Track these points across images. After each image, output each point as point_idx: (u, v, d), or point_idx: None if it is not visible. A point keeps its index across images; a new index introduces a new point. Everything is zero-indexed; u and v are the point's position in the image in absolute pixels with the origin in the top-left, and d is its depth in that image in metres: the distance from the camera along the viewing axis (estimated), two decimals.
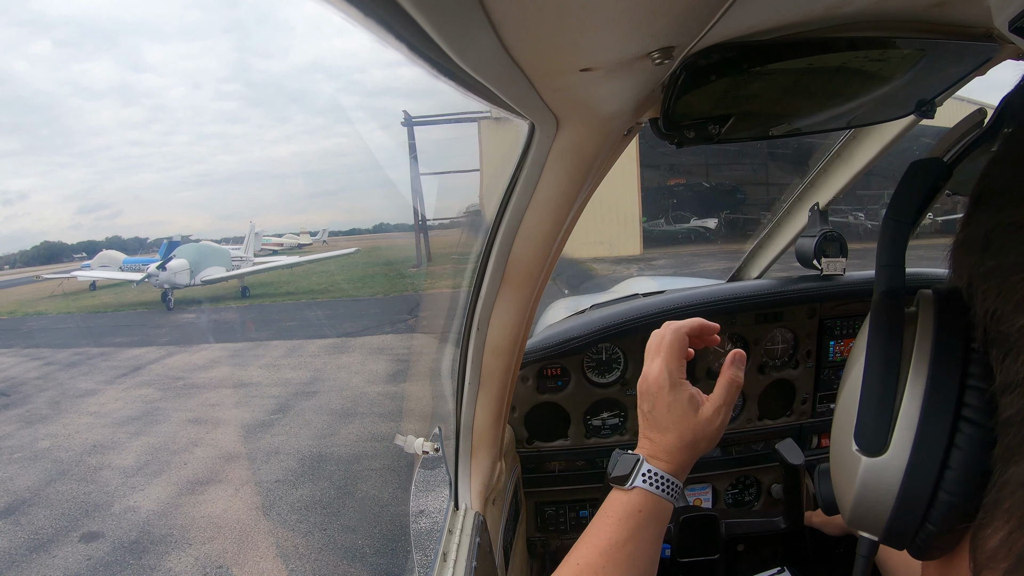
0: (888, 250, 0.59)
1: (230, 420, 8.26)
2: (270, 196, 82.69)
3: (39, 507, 6.12)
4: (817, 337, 1.83)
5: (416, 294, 19.04)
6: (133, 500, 6.07)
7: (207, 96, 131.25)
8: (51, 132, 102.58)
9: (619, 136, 0.77)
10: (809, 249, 1.78)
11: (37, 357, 13.95)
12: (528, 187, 0.86)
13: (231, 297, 22.09)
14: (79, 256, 45.47)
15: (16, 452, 7.71)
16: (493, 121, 0.88)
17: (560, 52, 0.50)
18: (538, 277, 1.05)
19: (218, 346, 13.64)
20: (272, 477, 6.28)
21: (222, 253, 24.63)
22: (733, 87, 0.67)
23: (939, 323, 0.51)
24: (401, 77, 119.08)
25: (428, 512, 4.88)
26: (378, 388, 9.24)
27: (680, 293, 1.78)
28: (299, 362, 11.46)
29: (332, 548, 4.96)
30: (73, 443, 7.86)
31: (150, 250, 31.56)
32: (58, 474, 6.90)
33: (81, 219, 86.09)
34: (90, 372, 12.07)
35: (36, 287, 28.82)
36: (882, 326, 0.55)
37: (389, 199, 38.46)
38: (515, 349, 1.18)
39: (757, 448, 1.83)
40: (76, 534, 5.54)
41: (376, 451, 6.70)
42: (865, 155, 1.69)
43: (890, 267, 0.59)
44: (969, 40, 0.68)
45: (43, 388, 10.96)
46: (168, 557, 5.00)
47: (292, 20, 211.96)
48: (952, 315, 0.51)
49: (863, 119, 1.09)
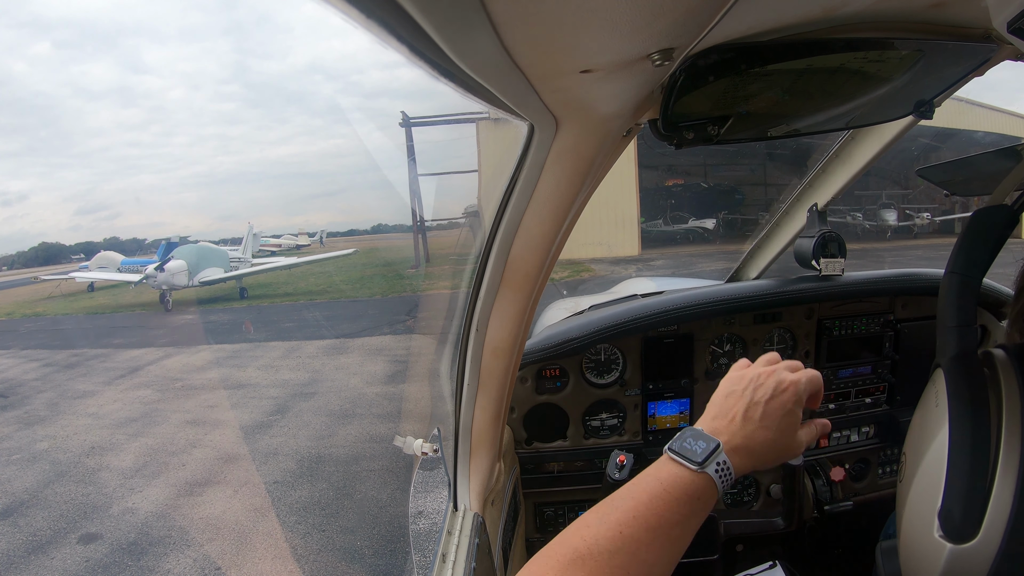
0: (955, 309, 0.55)
1: (228, 421, 8.25)
2: (268, 197, 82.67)
3: (37, 508, 6.10)
4: (816, 337, 1.83)
5: (415, 295, 19.02)
6: (131, 501, 6.06)
7: (206, 97, 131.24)
8: (50, 133, 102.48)
9: (618, 137, 0.77)
10: (808, 249, 1.78)
11: (35, 358, 13.91)
12: (527, 188, 0.86)
13: (229, 298, 22.05)
14: (77, 257, 45.39)
15: (14, 454, 7.68)
16: (492, 122, 0.88)
17: (560, 53, 0.50)
18: (537, 278, 1.05)
19: (216, 347, 13.61)
20: (271, 478, 6.27)
21: (220, 254, 24.59)
22: (732, 88, 0.67)
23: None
24: (400, 78, 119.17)
25: (427, 513, 4.88)
26: (377, 389, 9.23)
27: (679, 294, 1.78)
28: (297, 363, 11.44)
29: (331, 549, 4.95)
30: (71, 444, 7.84)
31: (148, 251, 31.57)
32: (56, 475, 6.88)
33: (80, 220, 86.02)
34: (88, 373, 12.04)
35: (34, 288, 28.74)
36: (963, 397, 0.50)
37: (387, 200, 38.47)
38: (514, 350, 1.18)
39: None
40: (74, 536, 5.52)
41: (375, 452, 6.69)
42: (864, 156, 1.69)
43: (960, 328, 0.54)
44: (967, 41, 0.68)
45: (41, 389, 10.93)
46: (167, 559, 4.99)
47: (291, 22, 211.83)
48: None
49: (862, 120, 1.10)
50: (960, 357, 0.52)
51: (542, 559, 0.68)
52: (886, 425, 1.89)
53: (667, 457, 0.76)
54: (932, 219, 25.70)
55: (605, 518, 0.70)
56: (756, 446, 0.76)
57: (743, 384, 0.81)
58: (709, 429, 0.78)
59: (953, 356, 0.53)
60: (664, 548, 0.70)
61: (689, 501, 0.72)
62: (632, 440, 1.76)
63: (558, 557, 0.67)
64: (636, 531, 0.68)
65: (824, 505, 1.72)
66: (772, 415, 0.77)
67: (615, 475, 1.32)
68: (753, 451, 0.77)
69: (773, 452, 0.78)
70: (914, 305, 1.87)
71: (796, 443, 0.79)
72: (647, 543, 0.68)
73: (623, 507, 0.71)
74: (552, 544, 0.69)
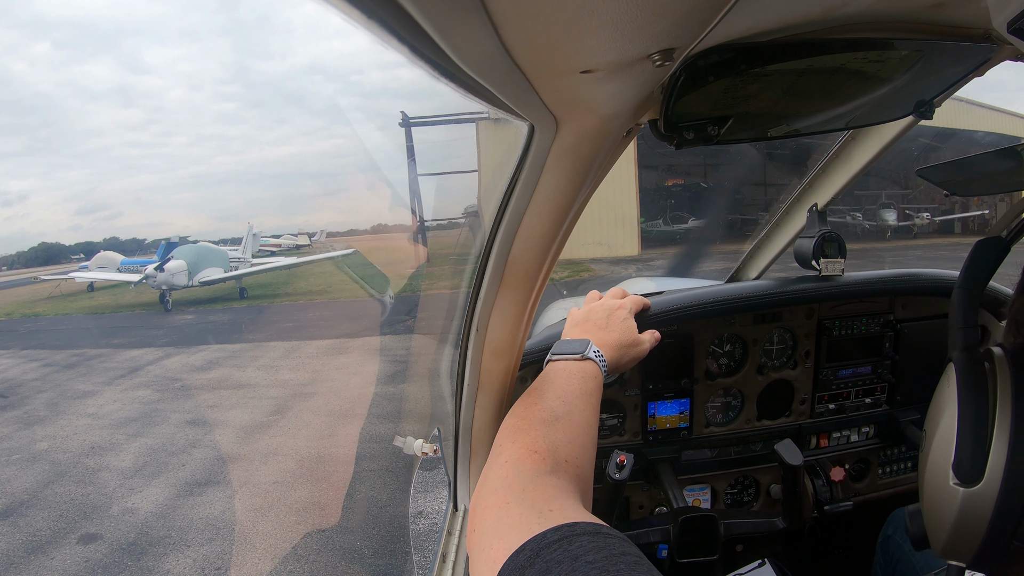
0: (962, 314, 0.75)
1: (228, 421, 8.25)
2: (268, 197, 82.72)
3: (37, 509, 6.10)
4: (816, 337, 1.83)
5: (414, 295, 19.04)
6: (131, 502, 6.06)
7: (206, 97, 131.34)
8: (50, 133, 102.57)
9: (618, 137, 0.77)
10: (807, 250, 1.78)
11: (35, 358, 13.91)
12: (527, 188, 0.86)
13: (229, 298, 22.06)
14: (77, 257, 45.38)
15: (14, 454, 7.69)
16: (491, 122, 0.88)
17: (561, 54, 0.50)
18: (537, 278, 1.05)
19: (216, 347, 13.62)
20: (270, 478, 6.27)
21: (220, 254, 24.59)
22: (732, 88, 0.67)
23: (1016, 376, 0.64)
24: (399, 78, 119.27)
25: (427, 513, 4.88)
26: (377, 389, 9.23)
27: (678, 294, 1.78)
28: (297, 363, 11.45)
29: (331, 549, 4.95)
30: (71, 444, 7.84)
31: (148, 251, 31.56)
32: (56, 476, 6.88)
33: (80, 220, 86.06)
34: (88, 373, 12.05)
35: (34, 288, 28.75)
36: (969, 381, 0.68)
37: (387, 200, 38.42)
38: (514, 350, 1.18)
39: (756, 448, 1.82)
40: (74, 536, 5.52)
41: (375, 452, 6.69)
42: (864, 156, 1.69)
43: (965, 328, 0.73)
44: (967, 41, 0.69)
45: (41, 389, 10.94)
46: (166, 559, 4.99)
47: (292, 22, 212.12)
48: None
49: (862, 120, 1.10)
50: (966, 349, 0.70)
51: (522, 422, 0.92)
52: (886, 425, 1.89)
53: (556, 360, 1.06)
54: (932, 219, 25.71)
55: (544, 397, 0.97)
56: (612, 341, 1.11)
57: (586, 313, 1.20)
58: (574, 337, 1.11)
59: (961, 349, 0.70)
60: (589, 410, 0.97)
61: (588, 379, 1.01)
62: (632, 440, 1.76)
63: (537, 419, 0.92)
64: (571, 399, 0.96)
65: (824, 505, 1.72)
66: (614, 323, 1.16)
67: (615, 475, 1.31)
68: (611, 344, 1.10)
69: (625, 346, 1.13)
70: (914, 305, 1.87)
71: (639, 340, 1.17)
72: (580, 408, 0.96)
73: (551, 391, 0.98)
74: (519, 416, 0.94)
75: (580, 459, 0.88)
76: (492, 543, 0.65)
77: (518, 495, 0.74)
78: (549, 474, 0.80)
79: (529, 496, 0.73)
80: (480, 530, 0.72)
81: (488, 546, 0.66)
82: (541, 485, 0.77)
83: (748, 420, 1.81)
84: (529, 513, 0.68)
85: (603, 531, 0.62)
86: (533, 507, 0.70)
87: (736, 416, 1.81)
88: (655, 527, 1.48)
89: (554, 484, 0.77)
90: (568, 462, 0.85)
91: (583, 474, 0.87)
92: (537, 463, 0.82)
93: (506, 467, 0.83)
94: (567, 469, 0.84)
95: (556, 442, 0.87)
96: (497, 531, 0.68)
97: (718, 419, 1.80)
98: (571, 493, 0.78)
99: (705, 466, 1.81)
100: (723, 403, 1.81)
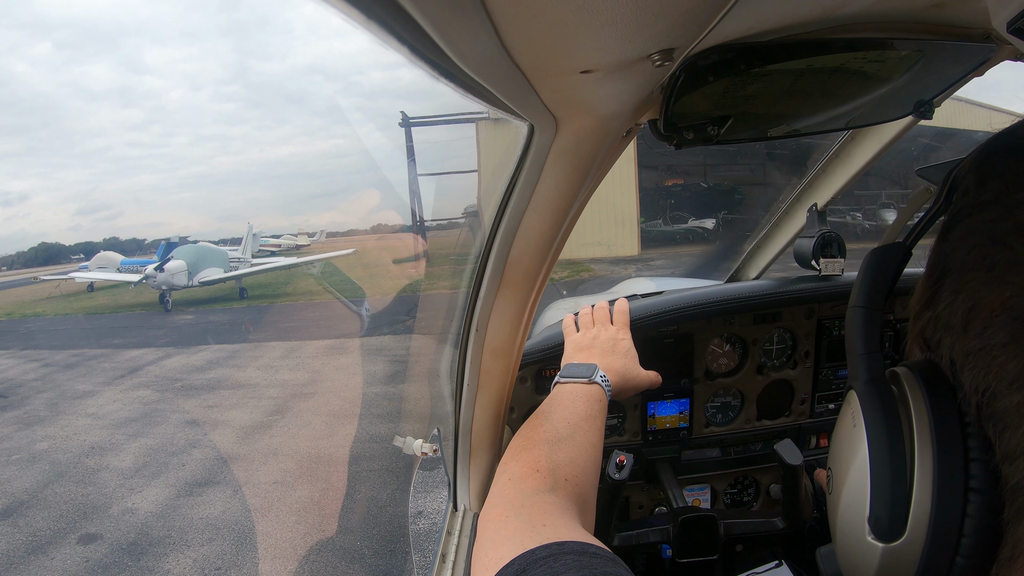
0: (862, 338, 0.64)
1: (228, 421, 8.25)
2: (268, 197, 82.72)
3: (37, 509, 6.11)
4: (816, 337, 1.83)
5: (414, 295, 19.04)
6: (131, 502, 6.06)
7: (206, 98, 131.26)
8: (51, 133, 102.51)
9: (618, 137, 0.77)
10: (807, 250, 1.78)
11: (35, 358, 13.91)
12: (527, 188, 0.86)
13: (229, 298, 22.05)
14: (77, 257, 45.32)
15: (14, 454, 7.69)
16: (491, 122, 0.88)
17: (561, 54, 0.50)
18: (537, 278, 1.05)
19: (216, 347, 13.62)
20: (270, 478, 6.27)
21: (220, 254, 24.55)
22: (732, 88, 0.67)
23: (932, 404, 0.53)
24: (399, 79, 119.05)
25: (427, 513, 4.88)
26: (376, 389, 9.23)
27: (678, 294, 1.78)
28: (297, 363, 11.45)
29: (331, 549, 4.95)
30: (71, 445, 7.84)
31: (148, 251, 31.55)
32: (56, 476, 6.88)
33: (80, 220, 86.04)
34: (88, 373, 12.05)
35: (34, 288, 28.72)
36: (877, 416, 0.56)
37: (387, 200, 38.44)
38: (514, 350, 1.18)
39: (756, 448, 1.82)
40: (74, 536, 5.52)
41: (375, 452, 6.69)
42: (863, 156, 1.69)
43: (868, 355, 0.62)
44: (967, 41, 0.69)
45: (41, 390, 10.94)
46: (166, 559, 5.00)
47: (292, 22, 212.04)
48: (941, 394, 0.53)
49: (861, 120, 1.10)
50: (871, 381, 0.59)
51: (527, 442, 0.94)
52: None
53: (564, 383, 1.07)
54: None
55: (550, 418, 0.98)
56: (618, 367, 1.13)
57: (589, 341, 1.21)
58: (580, 361, 1.13)
59: (865, 380, 0.60)
60: (594, 431, 0.99)
61: (593, 402, 1.03)
62: (632, 440, 1.76)
63: (541, 439, 0.93)
64: (576, 421, 0.98)
65: (824, 505, 1.72)
66: (619, 349, 1.18)
67: (615, 475, 1.31)
68: (616, 371, 1.12)
69: (629, 373, 1.15)
70: None
71: (642, 372, 1.18)
72: (584, 429, 0.97)
73: (558, 412, 1.00)
74: (525, 436, 0.96)
75: (580, 478, 0.91)
76: (488, 553, 0.70)
77: (516, 510, 0.78)
78: (548, 492, 0.84)
79: (526, 512, 0.77)
80: (480, 540, 0.77)
81: (484, 555, 0.71)
82: (539, 502, 0.80)
83: (748, 420, 1.81)
84: (524, 527, 0.72)
85: (590, 551, 0.65)
86: (528, 522, 0.74)
87: (736, 416, 1.81)
88: (655, 527, 1.48)
89: (551, 502, 0.81)
90: (568, 481, 0.88)
91: (583, 492, 0.90)
92: (538, 481, 0.86)
93: (509, 484, 0.87)
94: (566, 488, 0.87)
95: (558, 462, 0.90)
96: (494, 542, 0.72)
97: (718, 419, 1.80)
98: (567, 511, 0.81)
99: (705, 466, 1.81)
100: (723, 403, 1.81)
